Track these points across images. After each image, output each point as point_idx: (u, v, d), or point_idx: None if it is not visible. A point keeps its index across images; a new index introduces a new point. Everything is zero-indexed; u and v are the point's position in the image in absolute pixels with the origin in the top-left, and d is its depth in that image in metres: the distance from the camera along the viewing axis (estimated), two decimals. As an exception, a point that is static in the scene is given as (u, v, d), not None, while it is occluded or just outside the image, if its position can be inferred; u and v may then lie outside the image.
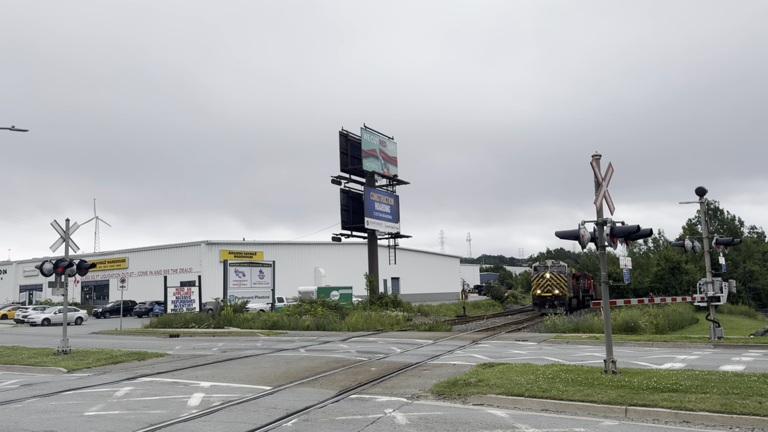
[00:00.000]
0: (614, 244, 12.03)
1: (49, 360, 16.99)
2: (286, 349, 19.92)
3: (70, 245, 19.61)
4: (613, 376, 11.08)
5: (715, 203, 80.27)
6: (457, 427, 8.18)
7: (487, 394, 9.95)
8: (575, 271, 51.91)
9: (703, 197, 20.65)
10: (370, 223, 42.04)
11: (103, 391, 11.95)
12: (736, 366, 13.60)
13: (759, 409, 8.27)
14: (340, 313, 32.65)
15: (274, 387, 11.86)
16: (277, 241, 66.48)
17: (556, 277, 43.36)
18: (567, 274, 44.42)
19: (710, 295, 20.26)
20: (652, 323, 27.63)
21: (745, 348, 18.02)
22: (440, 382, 11.35)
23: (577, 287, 49.67)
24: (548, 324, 26.80)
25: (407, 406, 9.63)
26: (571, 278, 46.38)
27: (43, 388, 12.59)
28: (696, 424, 8.22)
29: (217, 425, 8.58)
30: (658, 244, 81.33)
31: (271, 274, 43.61)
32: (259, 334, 27.15)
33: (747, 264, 76.22)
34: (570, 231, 12.30)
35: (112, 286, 66.34)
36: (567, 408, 9.17)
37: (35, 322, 43.38)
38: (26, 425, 8.87)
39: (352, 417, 8.87)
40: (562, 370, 12.04)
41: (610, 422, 8.40)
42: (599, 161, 12.10)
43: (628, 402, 9.01)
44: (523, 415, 8.89)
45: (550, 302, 42.62)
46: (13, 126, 23.75)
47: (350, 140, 43.04)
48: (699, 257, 37.89)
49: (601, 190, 11.93)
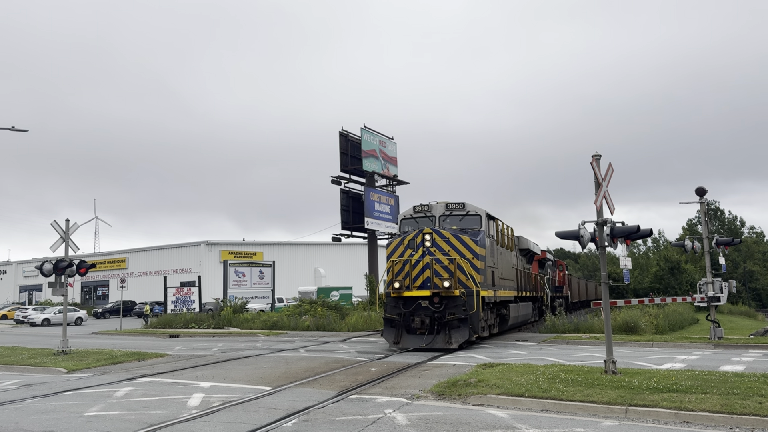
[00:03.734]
0: (614, 245, 12.03)
1: (48, 360, 16.99)
2: (286, 350, 19.92)
3: (70, 245, 19.60)
4: (613, 376, 11.07)
5: (715, 203, 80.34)
6: (457, 427, 8.18)
7: (487, 395, 9.95)
8: (533, 249, 28.67)
9: (703, 197, 20.65)
10: (370, 223, 42.03)
11: (103, 392, 11.95)
12: (736, 366, 13.59)
13: (759, 410, 8.27)
14: (340, 314, 32.65)
15: (274, 387, 11.86)
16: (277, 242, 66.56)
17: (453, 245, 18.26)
18: (492, 242, 20.21)
19: (710, 295, 20.25)
20: (652, 323, 27.57)
21: (745, 348, 18.01)
22: (440, 382, 11.35)
23: (536, 282, 29.67)
24: (548, 324, 26.79)
25: (407, 407, 9.62)
26: (515, 255, 24.53)
27: (43, 389, 12.59)
28: (696, 424, 8.22)
29: (217, 425, 8.58)
30: (658, 244, 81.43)
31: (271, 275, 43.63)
32: (259, 335, 27.15)
33: (747, 264, 76.27)
34: (570, 231, 12.30)
35: (112, 286, 66.37)
36: (567, 408, 9.17)
37: (35, 322, 43.42)
38: (26, 425, 8.87)
39: (352, 417, 8.87)
40: (562, 370, 12.04)
41: (610, 422, 8.39)
42: (599, 161, 12.10)
43: (628, 402, 9.01)
44: (523, 416, 8.88)
45: (434, 315, 17.73)
46: (13, 126, 23.74)
47: (350, 140, 43.04)
48: (699, 257, 37.26)
49: (601, 191, 11.92)
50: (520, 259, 26.65)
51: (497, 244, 21.21)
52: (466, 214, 19.37)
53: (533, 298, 29.06)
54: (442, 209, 19.60)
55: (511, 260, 23.94)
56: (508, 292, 22.65)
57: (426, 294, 17.70)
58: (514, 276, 24.13)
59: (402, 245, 18.66)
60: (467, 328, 17.49)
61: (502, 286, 21.46)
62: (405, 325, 17.97)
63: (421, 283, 18.02)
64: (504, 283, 21.90)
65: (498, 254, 21.23)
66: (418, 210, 19.94)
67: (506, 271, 22.62)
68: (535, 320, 30.14)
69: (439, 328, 17.62)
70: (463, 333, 17.53)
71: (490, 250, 19.95)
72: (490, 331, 20.70)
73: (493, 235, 20.59)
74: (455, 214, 19.41)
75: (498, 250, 21.28)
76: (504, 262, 22.28)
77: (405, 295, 17.99)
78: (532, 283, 29.09)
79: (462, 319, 17.46)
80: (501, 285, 21.34)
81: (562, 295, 39.31)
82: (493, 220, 20.79)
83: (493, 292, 20.05)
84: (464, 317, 17.40)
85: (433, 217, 19.55)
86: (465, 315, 17.39)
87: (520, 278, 25.66)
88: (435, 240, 18.17)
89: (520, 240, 26.74)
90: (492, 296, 19.89)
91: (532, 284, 29.06)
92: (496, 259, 20.81)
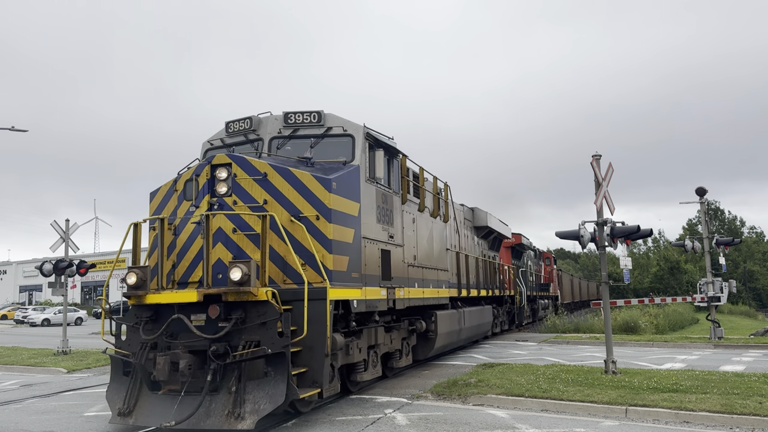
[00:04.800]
0: (614, 244, 12.04)
1: (48, 360, 16.98)
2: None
3: (70, 246, 19.61)
4: (614, 376, 11.08)
5: (715, 203, 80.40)
6: (457, 427, 8.17)
7: (487, 395, 9.95)
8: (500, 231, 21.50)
9: (703, 197, 20.67)
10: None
11: (103, 392, 11.93)
12: (736, 366, 13.60)
13: (759, 410, 8.27)
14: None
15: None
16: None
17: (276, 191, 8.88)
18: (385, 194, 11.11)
19: (710, 295, 20.27)
20: (652, 323, 27.64)
21: (745, 348, 18.01)
22: (440, 382, 11.35)
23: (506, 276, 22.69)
24: (548, 324, 26.81)
25: (407, 407, 9.62)
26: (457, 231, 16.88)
27: (43, 389, 12.59)
28: (696, 424, 8.21)
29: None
30: (658, 244, 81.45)
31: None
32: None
33: (747, 264, 76.33)
34: (570, 231, 12.31)
35: (113, 286, 66.39)
36: (567, 408, 9.17)
37: (35, 322, 43.45)
38: (26, 426, 8.86)
39: (353, 417, 8.86)
40: (562, 370, 12.04)
41: (610, 422, 8.39)
42: (599, 161, 12.10)
43: (628, 402, 9.01)
44: (523, 416, 8.88)
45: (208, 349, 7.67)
46: (13, 126, 23.75)
47: (350, 140, 43.00)
48: (699, 257, 37.24)
49: (601, 191, 11.93)
50: (473, 240, 18.84)
51: (404, 203, 12.00)
52: (325, 134, 10.35)
53: (498, 299, 21.66)
54: (277, 124, 10.50)
55: (444, 237, 14.99)
56: (435, 291, 13.62)
57: (191, 299, 7.95)
58: (449, 264, 15.32)
59: (174, 196, 9.39)
60: (284, 379, 7.58)
61: (415, 279, 12.37)
62: (147, 372, 8.04)
63: (193, 275, 8.84)
64: (424, 275, 12.98)
65: (406, 220, 12.11)
66: (234, 128, 10.74)
67: (429, 253, 13.60)
68: (502, 330, 22.84)
69: (218, 380, 7.72)
70: (272, 393, 7.58)
71: (379, 208, 10.75)
72: (387, 366, 11.96)
73: (386, 185, 11.24)
74: (303, 135, 10.35)
75: (408, 214, 12.29)
76: (425, 237, 13.41)
77: (150, 302, 8.30)
78: (500, 278, 21.42)
79: (274, 359, 7.65)
80: (414, 277, 12.29)
81: (549, 294, 32.29)
82: (388, 153, 11.44)
83: (385, 291, 10.62)
84: (278, 353, 7.61)
85: (259, 142, 10.46)
86: (282, 347, 7.61)
87: (467, 268, 16.90)
88: (237, 180, 8.89)
89: (475, 215, 19.35)
90: (378, 299, 10.31)
91: (499, 279, 21.37)
92: (398, 228, 11.58)
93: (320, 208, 8.85)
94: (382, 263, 10.67)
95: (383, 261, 10.75)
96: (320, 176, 9.03)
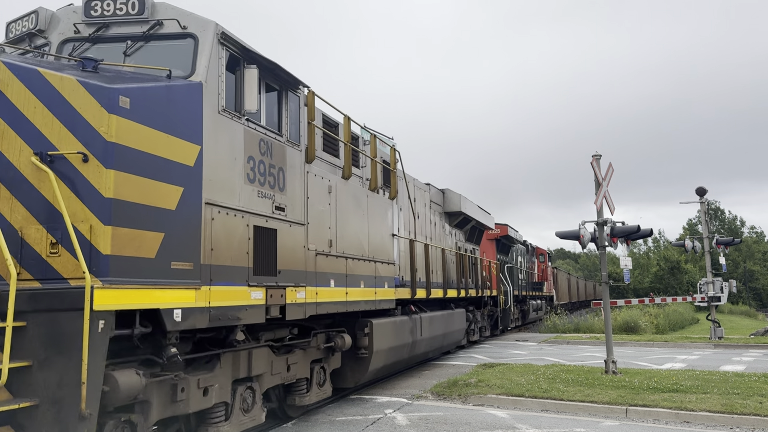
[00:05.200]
0: (614, 244, 12.05)
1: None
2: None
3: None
4: (614, 376, 11.08)
5: (715, 203, 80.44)
6: (457, 427, 8.17)
7: (487, 395, 9.95)
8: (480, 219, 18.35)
9: (703, 197, 20.67)
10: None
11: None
12: (736, 366, 13.59)
13: (760, 409, 8.27)
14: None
15: (274, 387, 11.79)
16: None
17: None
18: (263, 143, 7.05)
19: (711, 295, 20.27)
20: (653, 323, 27.65)
21: (745, 348, 18.01)
22: (440, 382, 11.35)
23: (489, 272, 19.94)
24: (548, 324, 26.82)
25: (408, 407, 9.62)
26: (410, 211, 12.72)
27: None
28: (696, 424, 8.21)
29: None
30: (658, 244, 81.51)
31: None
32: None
33: (747, 264, 76.36)
34: (570, 231, 12.32)
35: (112, 286, 66.41)
36: (567, 408, 9.17)
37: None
38: (26, 426, 8.84)
39: (353, 417, 8.86)
40: (562, 370, 12.04)
41: (610, 422, 8.39)
42: (599, 161, 12.11)
43: (628, 402, 9.00)
44: (524, 416, 8.88)
45: None
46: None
47: (350, 140, 43.01)
48: (699, 257, 37.24)
49: (602, 191, 11.93)
50: (443, 228, 15.74)
51: (310, 161, 8.26)
52: (150, 34, 6.42)
53: (476, 301, 18.61)
54: (73, 20, 6.63)
55: (389, 218, 11.22)
56: (369, 292, 9.93)
57: None
58: (397, 255, 11.53)
59: None
60: None
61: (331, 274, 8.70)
62: None
63: None
64: (349, 268, 9.31)
65: (316, 187, 8.41)
66: (16, 31, 6.88)
67: (360, 238, 9.80)
68: (481, 338, 19.57)
69: None
70: None
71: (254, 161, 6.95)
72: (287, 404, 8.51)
73: (275, 128, 7.52)
74: (114, 36, 6.53)
75: (319, 178, 8.59)
76: (353, 215, 9.61)
77: None
78: (481, 275, 18.50)
79: None
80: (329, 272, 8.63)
81: (543, 294, 29.57)
82: (275, 79, 7.62)
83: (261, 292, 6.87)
84: None
85: (47, 44, 6.67)
86: None
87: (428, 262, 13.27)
88: None
89: (446, 198, 16.36)
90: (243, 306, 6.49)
91: (480, 276, 18.43)
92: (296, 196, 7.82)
93: (91, 141, 5.09)
94: (255, 248, 6.79)
95: (260, 244, 6.89)
96: (95, 83, 5.22)
